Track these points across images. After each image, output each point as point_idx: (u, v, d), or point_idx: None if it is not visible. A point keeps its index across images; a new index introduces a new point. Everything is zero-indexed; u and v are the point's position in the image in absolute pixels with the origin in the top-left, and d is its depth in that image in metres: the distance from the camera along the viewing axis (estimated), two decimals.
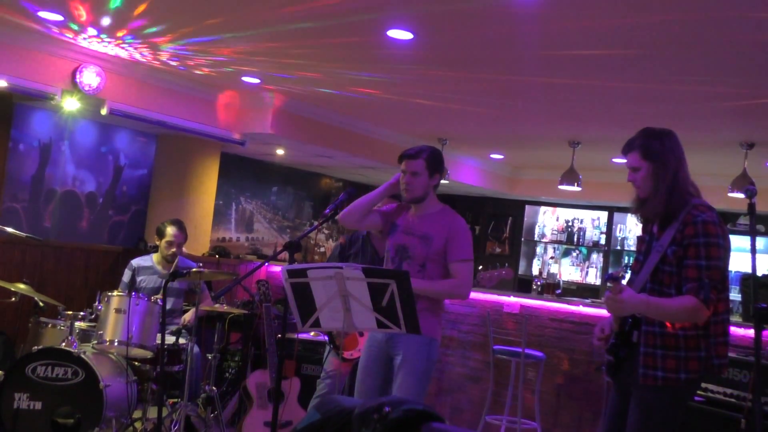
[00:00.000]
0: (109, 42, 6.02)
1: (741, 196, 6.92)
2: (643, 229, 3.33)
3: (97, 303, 5.22)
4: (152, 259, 5.88)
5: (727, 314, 3.08)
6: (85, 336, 5.25)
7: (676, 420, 3.07)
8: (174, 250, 5.76)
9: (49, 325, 5.28)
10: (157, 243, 5.87)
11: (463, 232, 4.02)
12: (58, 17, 5.43)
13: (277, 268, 7.70)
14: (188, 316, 5.71)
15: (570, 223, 11.41)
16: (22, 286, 5.23)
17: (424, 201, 4.05)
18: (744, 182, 7.05)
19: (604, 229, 11.04)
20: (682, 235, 3.02)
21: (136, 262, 5.87)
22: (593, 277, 11.07)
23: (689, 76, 5.27)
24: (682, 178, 3.15)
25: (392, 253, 4.05)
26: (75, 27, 5.67)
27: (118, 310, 5.01)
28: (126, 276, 5.81)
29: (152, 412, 5.15)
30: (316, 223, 10.19)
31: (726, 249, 3.05)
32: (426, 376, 3.95)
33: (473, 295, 6.54)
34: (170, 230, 5.77)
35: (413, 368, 3.89)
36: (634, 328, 3.13)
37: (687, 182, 3.17)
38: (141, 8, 5.02)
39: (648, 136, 3.22)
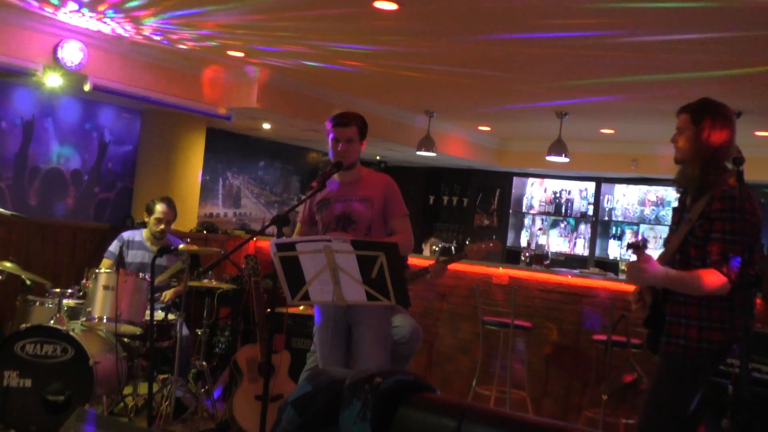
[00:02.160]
0: (91, 16, 5.94)
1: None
2: (679, 201, 3.35)
3: (84, 280, 5.20)
4: (142, 235, 5.86)
5: (755, 288, 3.10)
6: (73, 313, 5.24)
7: (694, 388, 3.10)
8: (163, 227, 5.74)
9: (37, 303, 5.26)
10: (146, 220, 5.85)
11: (397, 188, 4.13)
12: None
13: (265, 243, 7.68)
14: (169, 293, 5.70)
15: (558, 195, 11.43)
16: (8, 264, 5.19)
17: (353, 167, 4.11)
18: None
19: (591, 200, 11.06)
20: (710, 209, 3.06)
21: (127, 235, 5.86)
22: (581, 248, 11.12)
23: (677, 44, 5.25)
24: (723, 154, 3.17)
25: (333, 224, 4.02)
26: (55, 1, 5.58)
27: (106, 287, 5.00)
28: (114, 247, 5.78)
29: (143, 388, 5.16)
30: (303, 197, 10.17)
31: (754, 225, 3.07)
32: (389, 341, 4.06)
33: (462, 267, 6.55)
34: (159, 207, 5.75)
35: (377, 336, 3.95)
36: (666, 301, 3.17)
37: (727, 159, 3.16)
38: None
39: (704, 103, 3.27)
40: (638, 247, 3.00)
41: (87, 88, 6.60)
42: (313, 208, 4.16)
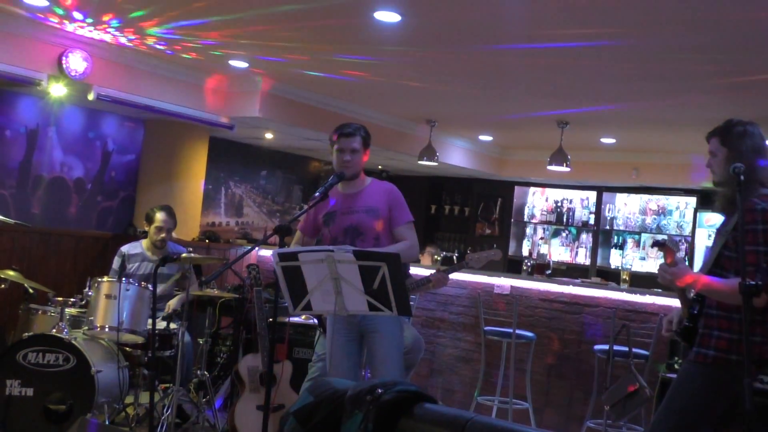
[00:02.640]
0: (95, 27, 5.97)
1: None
2: (724, 223, 3.35)
3: (87, 289, 5.21)
4: (142, 246, 5.85)
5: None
6: (75, 322, 5.24)
7: (712, 400, 3.11)
8: (163, 235, 5.75)
9: (40, 312, 5.27)
10: (147, 229, 5.85)
11: (401, 196, 4.18)
12: (44, 2, 5.38)
13: (267, 252, 7.69)
14: (173, 302, 5.70)
15: (559, 204, 11.43)
16: (11, 272, 5.21)
17: (357, 178, 4.16)
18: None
19: (593, 209, 11.06)
20: (743, 222, 3.06)
21: (125, 248, 5.85)
22: (583, 257, 11.11)
23: (677, 54, 5.27)
24: (756, 169, 3.17)
25: (341, 237, 4.05)
26: (60, 12, 5.61)
27: (108, 296, 5.00)
28: (116, 263, 5.78)
29: (144, 398, 5.16)
30: (305, 206, 10.18)
31: None
32: (402, 348, 4.10)
33: (464, 276, 6.56)
34: (159, 216, 5.75)
35: (392, 343, 4.01)
36: (700, 315, 3.18)
37: (761, 174, 3.19)
38: None
39: (730, 124, 3.29)
40: (663, 244, 3.02)
41: (91, 97, 6.64)
42: (319, 220, 4.18)
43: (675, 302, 3.41)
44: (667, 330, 3.40)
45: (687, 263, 3.24)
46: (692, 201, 10.10)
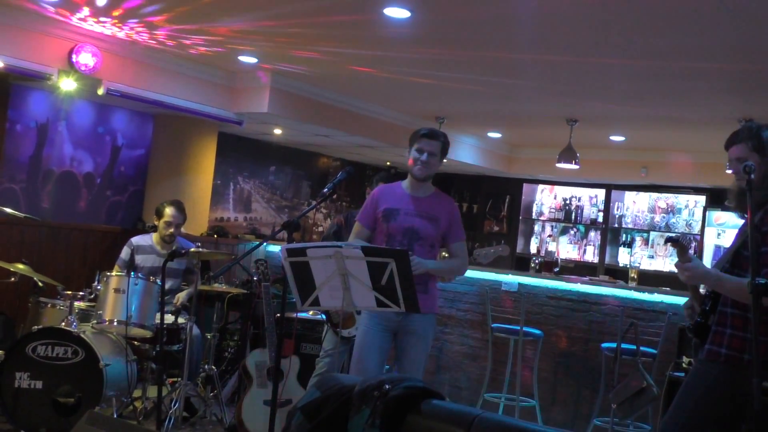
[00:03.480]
0: (106, 22, 5.99)
1: None
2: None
3: (96, 283, 5.23)
4: (152, 239, 5.88)
5: None
6: (84, 316, 5.26)
7: (721, 398, 3.09)
8: (172, 230, 5.76)
9: (49, 305, 5.29)
10: (156, 223, 5.87)
11: (459, 213, 4.33)
12: None
13: (275, 248, 7.70)
14: (182, 295, 5.72)
15: (568, 201, 11.41)
16: (21, 266, 5.23)
17: (426, 182, 4.22)
18: None
19: (601, 207, 11.04)
20: (762, 222, 3.05)
21: (135, 240, 5.87)
22: (591, 255, 11.09)
23: (688, 52, 5.25)
24: None
25: (399, 237, 4.10)
26: (71, 7, 5.63)
27: (117, 290, 5.03)
28: (125, 253, 5.80)
29: (152, 391, 5.18)
30: (314, 202, 10.19)
31: None
32: (430, 350, 4.25)
33: (471, 273, 6.56)
34: (169, 211, 5.76)
35: (425, 345, 4.14)
36: (712, 312, 3.18)
37: None
38: None
39: (753, 128, 3.25)
40: (676, 240, 3.01)
41: (101, 92, 6.66)
42: (378, 213, 4.20)
43: (683, 300, 3.39)
44: (689, 316, 3.37)
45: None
46: (701, 199, 10.07)
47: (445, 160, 4.40)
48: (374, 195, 4.28)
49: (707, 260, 9.09)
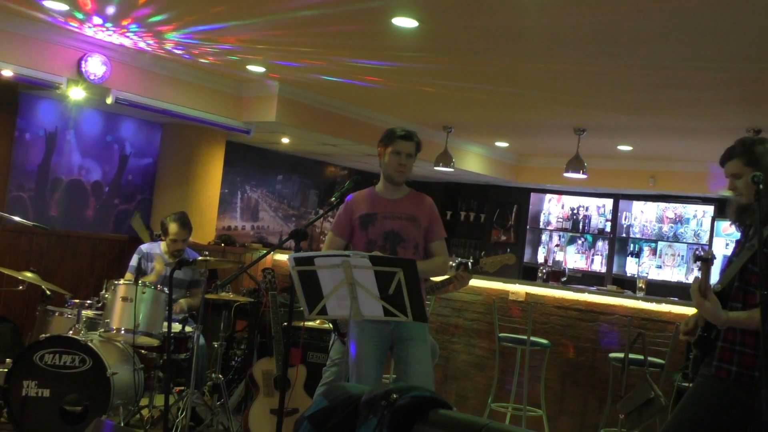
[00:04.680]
0: (114, 31, 6.02)
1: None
2: (743, 234, 3.32)
3: (103, 291, 5.24)
4: (160, 248, 5.89)
5: None
6: (91, 324, 5.27)
7: (730, 413, 3.07)
8: (179, 247, 5.77)
9: (57, 314, 5.30)
10: (162, 238, 5.89)
11: (437, 211, 4.21)
12: (64, 6, 5.43)
13: (282, 257, 7.70)
14: (182, 302, 5.73)
15: (575, 211, 11.39)
16: (29, 274, 5.25)
17: (402, 184, 4.15)
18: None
19: (609, 217, 11.01)
20: (761, 233, 3.04)
21: (145, 247, 5.91)
22: (599, 265, 11.06)
23: (696, 62, 5.24)
24: None
25: (380, 241, 4.01)
26: (80, 16, 5.66)
27: (124, 299, 5.03)
28: (134, 260, 5.82)
29: (159, 400, 5.18)
30: (321, 211, 10.20)
31: None
32: (431, 352, 4.12)
33: (478, 282, 6.55)
34: (172, 228, 5.74)
35: (427, 349, 4.02)
36: (715, 327, 3.16)
37: None
38: None
39: (746, 143, 3.24)
40: (707, 259, 2.98)
41: (109, 101, 6.69)
42: (354, 222, 4.10)
43: (691, 311, 3.37)
44: (684, 332, 3.36)
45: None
46: (710, 209, 10.03)
47: (451, 169, 4.36)
48: (347, 203, 4.16)
49: (715, 270, 9.03)
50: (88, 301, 5.35)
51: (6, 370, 4.81)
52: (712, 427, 3.10)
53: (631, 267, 10.79)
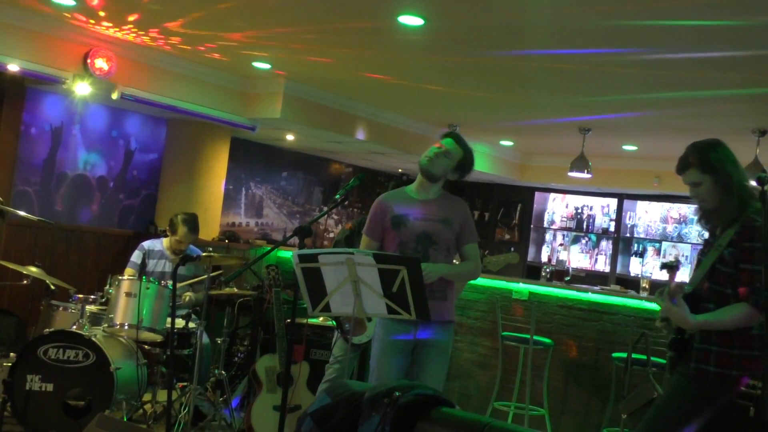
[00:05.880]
0: (121, 26, 6.03)
1: (753, 183, 6.87)
2: (710, 233, 3.33)
3: (107, 286, 5.25)
4: (162, 244, 5.89)
5: None
6: (95, 319, 5.28)
7: (706, 414, 3.09)
8: (183, 248, 5.78)
9: (61, 308, 5.31)
10: (168, 234, 5.88)
11: (471, 215, 4.12)
12: (70, 2, 5.44)
13: (286, 254, 7.71)
14: (188, 294, 5.74)
15: (579, 210, 11.38)
16: (33, 269, 5.26)
17: (433, 184, 4.02)
18: (756, 170, 7.00)
19: (613, 216, 11.01)
20: (740, 238, 3.05)
21: (147, 244, 5.89)
22: (602, 264, 11.06)
23: (701, 62, 5.24)
24: (745, 181, 3.18)
25: (412, 243, 3.90)
26: (87, 11, 5.67)
27: (128, 294, 5.04)
28: (136, 257, 5.82)
29: (162, 395, 5.19)
30: (326, 208, 10.21)
31: None
32: (448, 360, 4.08)
33: (482, 281, 6.55)
34: (181, 230, 5.72)
35: (445, 358, 3.99)
36: None
37: (748, 185, 3.18)
38: None
39: (699, 150, 3.23)
40: (672, 266, 2.99)
41: (115, 96, 6.70)
42: (386, 223, 3.98)
43: None
44: (662, 318, 3.36)
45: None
46: None
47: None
48: (379, 204, 4.04)
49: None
50: (92, 296, 5.36)
51: (10, 364, 4.82)
52: (693, 424, 3.11)
53: (635, 267, 10.78)
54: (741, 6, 4.14)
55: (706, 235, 3.38)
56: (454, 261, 4.18)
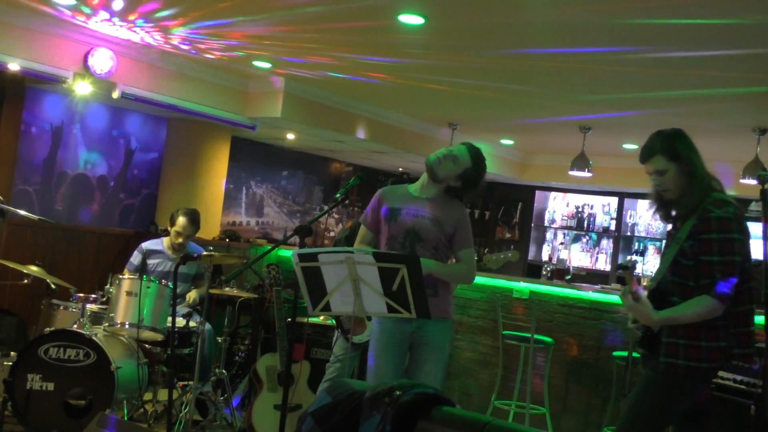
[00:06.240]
0: (121, 25, 6.02)
1: (753, 182, 6.89)
2: (673, 225, 3.34)
3: (108, 285, 5.26)
4: (163, 243, 5.90)
5: (750, 304, 3.13)
6: (96, 318, 5.28)
7: (679, 404, 3.14)
8: (180, 240, 5.78)
9: (61, 307, 5.32)
10: (169, 229, 5.90)
11: (468, 220, 4.06)
12: (71, 0, 5.43)
13: (287, 253, 7.70)
14: (193, 294, 5.75)
15: (580, 209, 11.38)
16: (34, 268, 5.26)
17: (435, 184, 4.00)
18: (756, 168, 7.01)
19: (614, 215, 11.01)
20: (698, 230, 3.05)
21: (146, 245, 5.89)
22: (603, 263, 11.06)
23: (702, 61, 5.23)
24: (705, 172, 3.20)
25: (400, 238, 3.93)
26: (87, 10, 5.67)
27: (129, 293, 5.04)
28: (136, 258, 5.82)
29: (162, 394, 5.20)
30: (326, 207, 10.21)
31: (742, 242, 3.07)
32: (447, 358, 4.04)
33: (482, 280, 6.55)
34: (181, 221, 5.77)
35: (442, 356, 3.95)
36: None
37: (710, 176, 3.21)
38: None
39: (666, 138, 3.25)
40: (627, 267, 3.00)
41: (115, 95, 6.70)
42: (381, 215, 4.02)
43: None
44: (633, 320, 3.37)
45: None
46: None
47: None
48: (377, 196, 4.08)
49: None
50: (93, 295, 5.36)
51: (11, 363, 4.82)
52: (669, 416, 3.15)
53: (636, 266, 10.75)
54: (741, 4, 4.13)
55: (669, 227, 3.39)
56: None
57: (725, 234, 3.02)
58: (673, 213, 3.32)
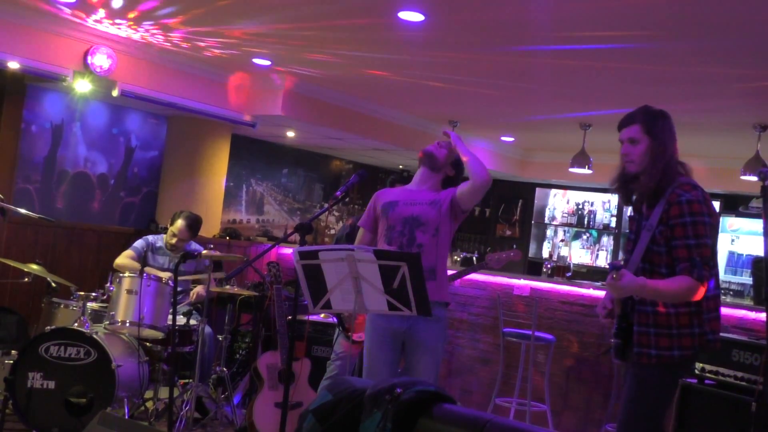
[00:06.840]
0: (121, 24, 6.02)
1: (754, 178, 6.88)
2: (633, 209, 3.36)
3: (108, 284, 5.26)
4: (163, 240, 5.92)
5: (717, 290, 3.16)
6: (97, 316, 5.29)
7: (669, 395, 3.17)
8: (174, 242, 5.82)
9: (62, 306, 5.32)
10: (168, 227, 5.92)
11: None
12: None
13: (287, 250, 7.71)
14: (198, 289, 5.76)
15: (580, 206, 11.37)
16: (35, 266, 5.26)
17: (432, 174, 4.10)
18: (757, 165, 7.00)
19: (614, 212, 11.00)
20: (668, 216, 3.07)
21: (152, 238, 5.97)
22: (603, 260, 11.05)
23: (703, 57, 5.22)
24: (674, 158, 3.22)
25: (399, 226, 3.95)
26: (87, 8, 5.66)
27: (129, 291, 5.05)
28: (140, 244, 5.87)
29: (163, 393, 5.20)
30: (326, 205, 10.20)
31: (713, 226, 3.11)
32: (441, 357, 4.04)
33: (483, 277, 6.57)
34: (179, 223, 5.81)
35: (435, 356, 3.96)
36: (633, 311, 3.18)
37: (677, 162, 3.23)
38: None
39: (650, 112, 3.28)
40: (617, 267, 2.99)
41: (115, 93, 6.69)
42: (378, 212, 4.08)
43: None
44: (604, 316, 3.37)
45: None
46: (716, 205, 9.98)
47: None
48: (374, 196, 4.18)
49: (721, 266, 9.04)
50: (93, 294, 5.37)
51: (11, 361, 4.83)
52: (665, 408, 3.16)
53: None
54: (742, 1, 4.12)
55: (630, 212, 3.39)
56: (456, 259, 4.20)
57: (697, 217, 3.04)
58: (634, 198, 3.32)
